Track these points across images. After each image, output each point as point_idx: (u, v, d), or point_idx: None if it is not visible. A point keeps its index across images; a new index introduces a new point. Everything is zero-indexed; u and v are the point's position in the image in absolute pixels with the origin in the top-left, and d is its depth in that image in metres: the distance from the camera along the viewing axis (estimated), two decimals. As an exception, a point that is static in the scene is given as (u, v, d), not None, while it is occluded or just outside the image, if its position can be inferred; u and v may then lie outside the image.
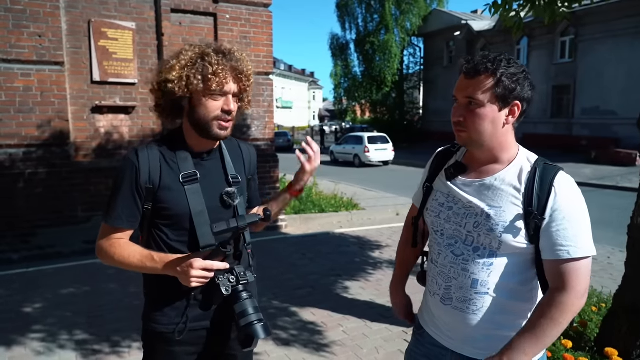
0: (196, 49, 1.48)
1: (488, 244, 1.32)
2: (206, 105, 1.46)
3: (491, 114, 1.29)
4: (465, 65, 1.30)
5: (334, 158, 21.59)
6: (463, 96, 1.31)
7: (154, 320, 1.54)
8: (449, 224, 1.41)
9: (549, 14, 3.83)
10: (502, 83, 1.27)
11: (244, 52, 1.55)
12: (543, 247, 1.29)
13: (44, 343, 3.54)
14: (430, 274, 1.50)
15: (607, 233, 6.99)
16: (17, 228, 5.79)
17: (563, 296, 1.25)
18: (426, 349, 1.53)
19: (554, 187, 1.28)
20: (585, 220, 1.29)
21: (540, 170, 1.31)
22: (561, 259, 1.26)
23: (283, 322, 3.91)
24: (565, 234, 1.26)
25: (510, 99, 1.29)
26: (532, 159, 1.36)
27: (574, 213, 1.27)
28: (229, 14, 6.82)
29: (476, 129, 1.31)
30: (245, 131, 7.15)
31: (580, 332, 3.27)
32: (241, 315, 1.40)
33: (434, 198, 1.49)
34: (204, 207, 1.50)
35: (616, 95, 18.25)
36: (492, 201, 1.33)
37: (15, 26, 5.57)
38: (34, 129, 5.79)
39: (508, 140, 1.36)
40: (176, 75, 1.43)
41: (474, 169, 1.41)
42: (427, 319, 1.54)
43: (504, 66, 1.27)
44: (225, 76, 1.44)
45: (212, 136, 1.50)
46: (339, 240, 6.79)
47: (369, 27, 28.96)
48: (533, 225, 1.27)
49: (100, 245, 1.51)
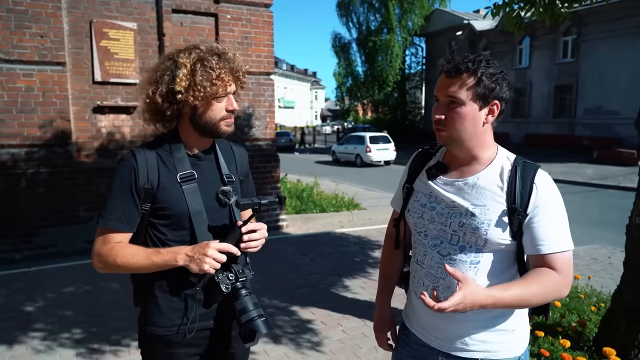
0: (192, 54, 1.46)
1: (474, 242, 1.35)
2: (212, 108, 1.48)
3: (472, 112, 1.31)
4: (447, 65, 1.32)
5: (336, 158, 21.60)
6: (444, 95, 1.33)
7: (154, 323, 1.52)
8: (433, 224, 1.42)
9: (550, 14, 3.83)
10: (482, 82, 1.29)
11: (236, 50, 1.57)
12: (526, 243, 1.34)
13: (45, 342, 3.57)
14: (415, 275, 1.50)
15: (609, 233, 6.99)
16: (19, 228, 5.82)
17: (557, 276, 1.30)
18: (412, 349, 1.53)
19: (535, 184, 1.32)
20: (564, 215, 1.34)
21: (521, 169, 1.34)
22: (545, 253, 1.31)
23: (283, 322, 3.92)
24: (547, 229, 1.31)
25: (490, 98, 1.32)
26: (511, 157, 1.40)
27: (554, 209, 1.33)
28: (230, 14, 6.84)
29: (457, 127, 1.33)
30: (246, 131, 7.17)
31: (579, 332, 3.28)
32: (242, 312, 1.42)
33: (415, 199, 1.50)
34: (202, 206, 1.51)
35: (619, 95, 18.21)
36: (476, 200, 1.35)
37: (17, 27, 5.60)
38: (36, 129, 5.83)
39: (487, 139, 1.39)
40: (184, 85, 1.43)
41: (454, 168, 1.43)
42: (412, 320, 1.54)
43: (484, 66, 1.30)
44: (228, 79, 1.47)
45: (221, 135, 1.53)
46: (339, 240, 6.80)
47: (371, 27, 28.97)
48: (517, 221, 1.31)
49: (98, 252, 1.48)
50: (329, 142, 32.86)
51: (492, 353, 1.39)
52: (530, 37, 22.02)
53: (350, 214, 8.48)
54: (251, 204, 1.47)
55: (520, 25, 4.06)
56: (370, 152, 19.41)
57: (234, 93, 1.53)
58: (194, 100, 1.44)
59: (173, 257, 1.42)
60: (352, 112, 34.76)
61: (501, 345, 1.39)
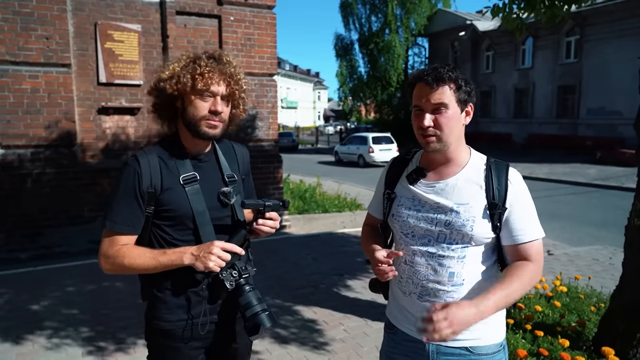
0: (191, 54, 1.58)
1: (460, 238, 1.46)
2: (195, 105, 1.53)
3: (457, 115, 1.45)
4: (429, 76, 1.42)
5: (338, 158, 21.62)
6: (430, 103, 1.42)
7: (160, 318, 1.57)
8: (419, 225, 1.50)
9: (548, 15, 3.86)
10: (462, 88, 1.43)
11: (236, 57, 1.64)
12: (504, 234, 1.47)
13: (51, 340, 3.62)
14: (403, 275, 1.54)
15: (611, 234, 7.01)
16: (25, 227, 5.89)
17: (532, 265, 1.44)
18: (403, 346, 1.57)
19: (510, 181, 1.46)
20: (533, 206, 1.50)
21: (495, 167, 1.49)
22: (522, 242, 1.45)
23: (285, 321, 3.96)
24: (524, 220, 1.45)
25: (467, 102, 1.47)
26: (483, 157, 1.54)
27: (526, 201, 1.48)
28: (233, 16, 6.88)
29: (446, 131, 1.43)
30: (249, 132, 7.21)
31: (578, 332, 3.31)
32: (246, 307, 1.48)
33: (398, 204, 1.57)
34: (205, 207, 1.56)
35: (621, 96, 18.15)
36: (458, 199, 1.46)
37: (23, 29, 5.66)
38: (41, 130, 5.89)
39: (463, 140, 1.52)
40: (168, 75, 1.53)
41: (433, 171, 1.54)
42: (400, 317, 1.58)
43: (459, 74, 1.44)
44: (211, 77, 1.51)
45: (201, 135, 1.55)
46: (342, 241, 6.83)
47: (373, 27, 28.96)
48: (497, 216, 1.44)
49: (105, 254, 1.52)
50: (331, 143, 32.88)
51: (478, 340, 1.47)
52: (533, 37, 21.99)
53: (353, 215, 8.52)
54: (256, 205, 1.54)
55: (521, 27, 4.09)
56: (372, 153, 19.45)
57: (226, 98, 1.56)
58: (170, 89, 1.52)
59: (179, 257, 1.47)
60: (355, 113, 34.77)
61: (486, 333, 1.48)
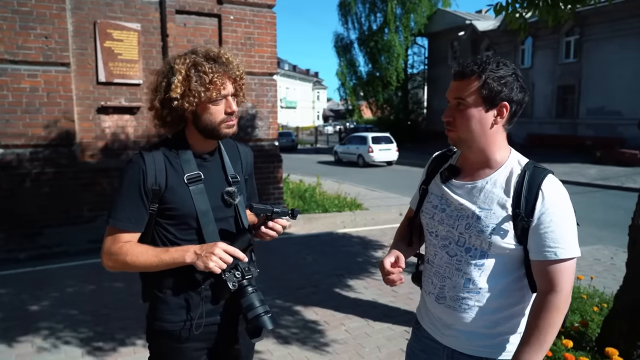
0: (186, 60, 1.49)
1: (479, 245, 1.38)
2: (210, 111, 1.51)
3: (478, 114, 1.35)
4: (455, 68, 1.37)
5: (338, 158, 21.61)
6: (452, 97, 1.38)
7: (162, 319, 1.55)
8: (442, 225, 1.46)
9: (553, 15, 3.84)
10: (487, 85, 1.32)
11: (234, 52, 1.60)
12: (531, 248, 1.33)
13: (50, 340, 3.59)
14: (426, 274, 1.56)
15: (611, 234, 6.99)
16: (24, 227, 5.86)
17: (555, 298, 1.29)
18: (423, 343, 1.58)
19: (542, 191, 1.31)
20: (571, 222, 1.33)
21: (529, 174, 1.34)
22: (548, 260, 1.30)
23: (286, 321, 3.94)
24: (553, 236, 1.30)
25: (497, 100, 1.33)
26: (523, 161, 1.40)
27: (560, 215, 1.31)
28: (233, 15, 6.86)
29: (464, 128, 1.36)
30: (249, 131, 7.19)
31: (581, 332, 3.29)
32: (249, 309, 1.47)
33: (428, 200, 1.55)
34: (209, 206, 1.54)
35: (622, 96, 18.16)
36: (482, 203, 1.38)
37: (22, 28, 5.64)
38: (40, 129, 5.86)
39: (498, 141, 1.40)
40: (179, 92, 1.46)
41: (467, 171, 1.46)
42: (424, 315, 1.60)
43: (491, 69, 1.32)
44: (222, 82, 1.49)
45: (222, 137, 1.56)
46: (342, 240, 6.81)
47: (372, 27, 28.96)
48: (520, 226, 1.32)
49: (108, 251, 1.51)
50: (330, 143, 32.87)
51: (495, 352, 1.42)
52: (532, 37, 21.97)
53: (353, 214, 8.49)
54: (264, 211, 1.54)
55: (524, 27, 4.07)
56: (372, 153, 19.43)
57: (234, 95, 1.55)
58: (190, 107, 1.47)
59: (181, 255, 1.46)
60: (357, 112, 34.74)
61: (504, 346, 1.42)
